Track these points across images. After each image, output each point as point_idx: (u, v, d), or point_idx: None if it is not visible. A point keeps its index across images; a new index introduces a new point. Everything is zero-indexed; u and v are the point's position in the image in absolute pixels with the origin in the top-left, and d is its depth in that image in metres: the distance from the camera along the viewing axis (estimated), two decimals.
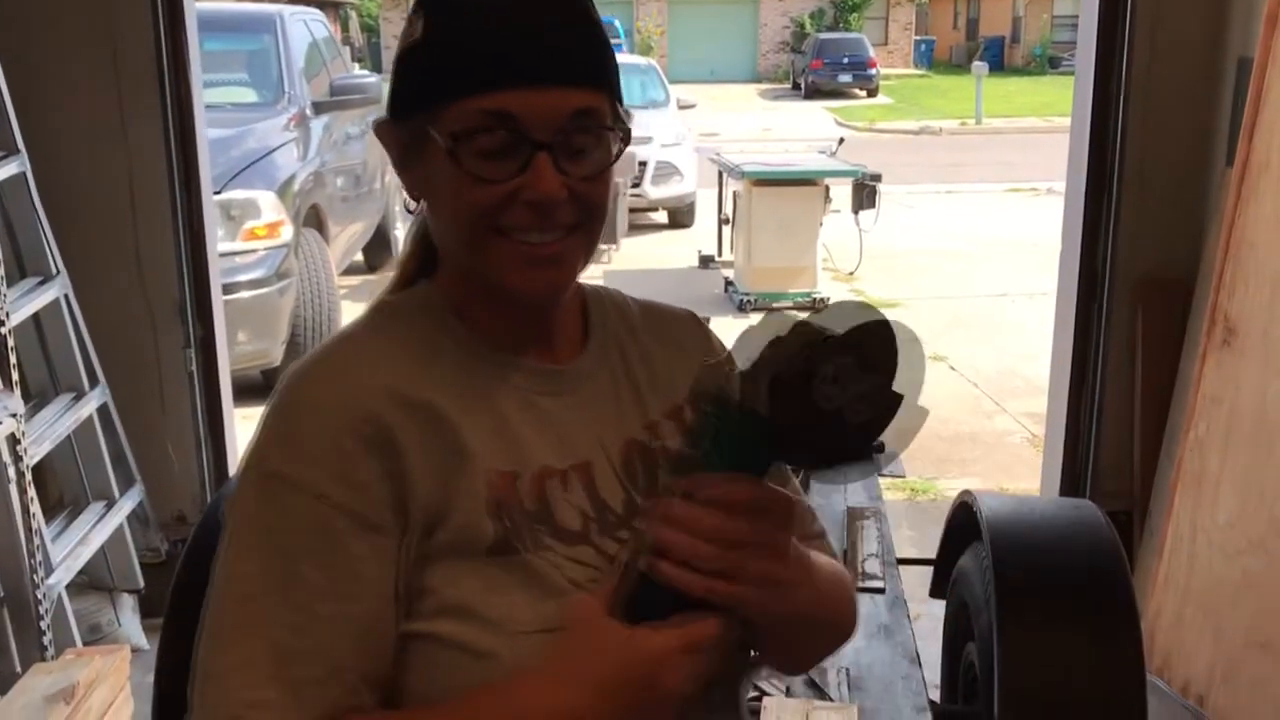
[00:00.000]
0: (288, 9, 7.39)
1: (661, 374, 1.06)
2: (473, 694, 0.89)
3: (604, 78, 0.94)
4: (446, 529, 0.92)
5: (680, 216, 11.61)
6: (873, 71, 28.68)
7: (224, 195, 5.18)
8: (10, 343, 2.81)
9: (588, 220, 0.95)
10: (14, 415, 2.75)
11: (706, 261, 9.67)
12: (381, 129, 0.99)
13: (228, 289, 4.40)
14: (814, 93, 28.51)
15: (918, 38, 38.05)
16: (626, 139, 0.96)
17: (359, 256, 8.28)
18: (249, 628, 0.88)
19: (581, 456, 0.98)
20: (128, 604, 3.42)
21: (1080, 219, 3.55)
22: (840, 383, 0.82)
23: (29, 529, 2.83)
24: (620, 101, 0.97)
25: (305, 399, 0.93)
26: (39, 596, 2.83)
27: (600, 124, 0.93)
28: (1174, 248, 3.44)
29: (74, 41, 3.34)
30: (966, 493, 2.47)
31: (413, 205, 1.03)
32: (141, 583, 3.42)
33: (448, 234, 0.97)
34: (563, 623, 0.89)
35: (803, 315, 0.87)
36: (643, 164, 10.90)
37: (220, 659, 0.88)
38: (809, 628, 1.02)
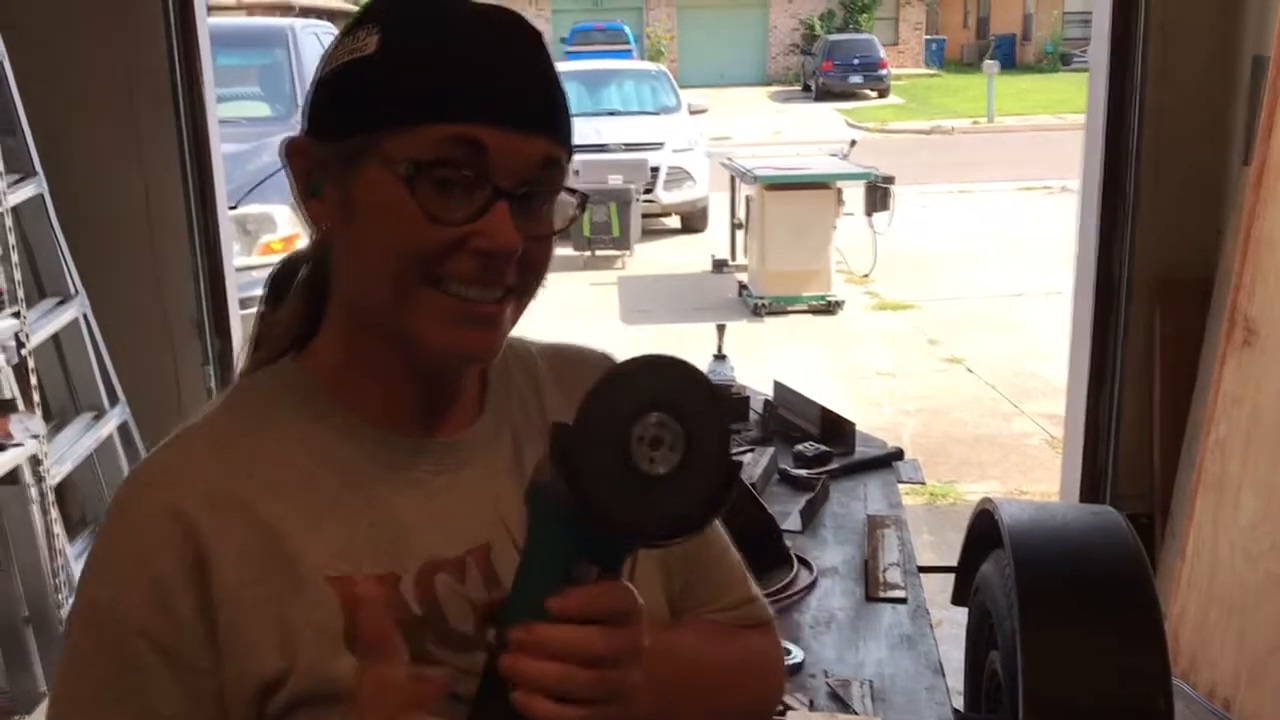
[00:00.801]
0: (299, 23, 7.43)
1: None
2: None
3: (569, 137, 0.87)
4: (295, 678, 0.81)
5: (693, 221, 11.62)
6: (883, 72, 28.61)
7: (240, 210, 5.20)
8: (31, 364, 2.83)
9: (526, 285, 0.86)
10: (35, 436, 2.77)
11: (720, 266, 9.68)
12: (294, 147, 0.87)
13: (245, 304, 4.42)
14: (825, 94, 28.45)
15: (928, 37, 37.96)
16: (582, 205, 0.90)
17: None
18: None
19: (479, 539, 0.88)
20: None
21: (1096, 218, 3.53)
22: (663, 442, 0.71)
23: (52, 549, 2.84)
24: (570, 151, 0.89)
25: (125, 514, 0.84)
26: (62, 616, 2.85)
27: (559, 182, 0.85)
28: (1192, 247, 3.42)
29: (89, 62, 3.36)
30: (987, 500, 2.47)
31: (307, 237, 0.91)
32: None
33: (366, 276, 0.84)
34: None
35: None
36: (655, 169, 10.93)
37: None
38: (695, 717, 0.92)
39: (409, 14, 0.84)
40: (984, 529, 2.45)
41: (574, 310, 7.96)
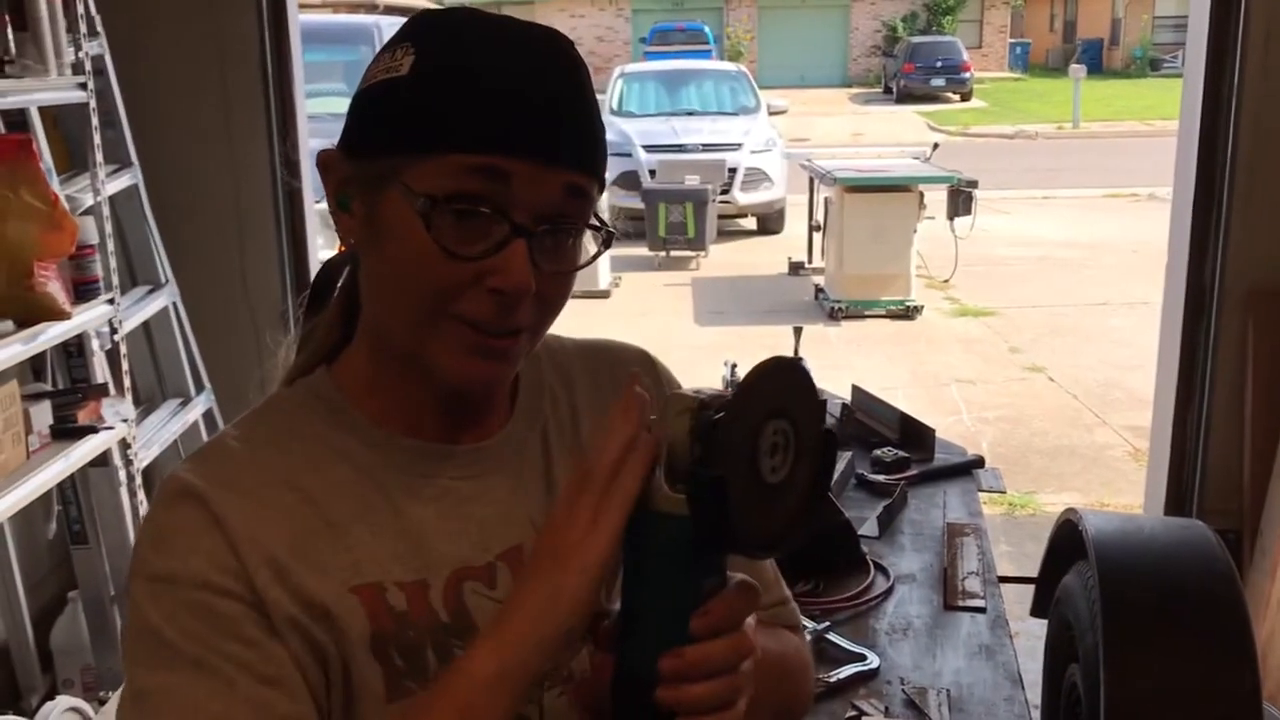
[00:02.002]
0: (384, 20, 7.54)
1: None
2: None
3: (599, 167, 0.85)
4: (332, 690, 0.82)
5: (769, 223, 11.57)
6: (966, 75, 28.23)
7: (322, 205, 5.28)
8: (122, 350, 2.90)
9: (541, 322, 0.85)
10: (125, 420, 2.83)
11: (796, 268, 9.62)
12: (328, 160, 0.87)
13: None
14: (906, 97, 28.15)
15: (1013, 40, 37.38)
16: (607, 241, 0.86)
17: None
18: None
19: (510, 541, 0.88)
20: None
21: (1188, 227, 3.45)
22: (780, 448, 0.70)
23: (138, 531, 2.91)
24: (603, 186, 0.87)
25: (171, 500, 0.83)
26: None
27: (584, 217, 0.83)
28: None
29: (184, 57, 3.43)
30: (1071, 511, 2.42)
31: (338, 247, 0.91)
32: None
33: (384, 300, 0.85)
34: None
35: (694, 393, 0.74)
36: (732, 170, 10.90)
37: None
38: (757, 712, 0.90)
39: (443, 36, 0.83)
40: (1066, 540, 2.40)
41: (648, 310, 7.97)
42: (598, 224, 0.85)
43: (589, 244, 0.86)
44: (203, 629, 0.78)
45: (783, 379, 0.72)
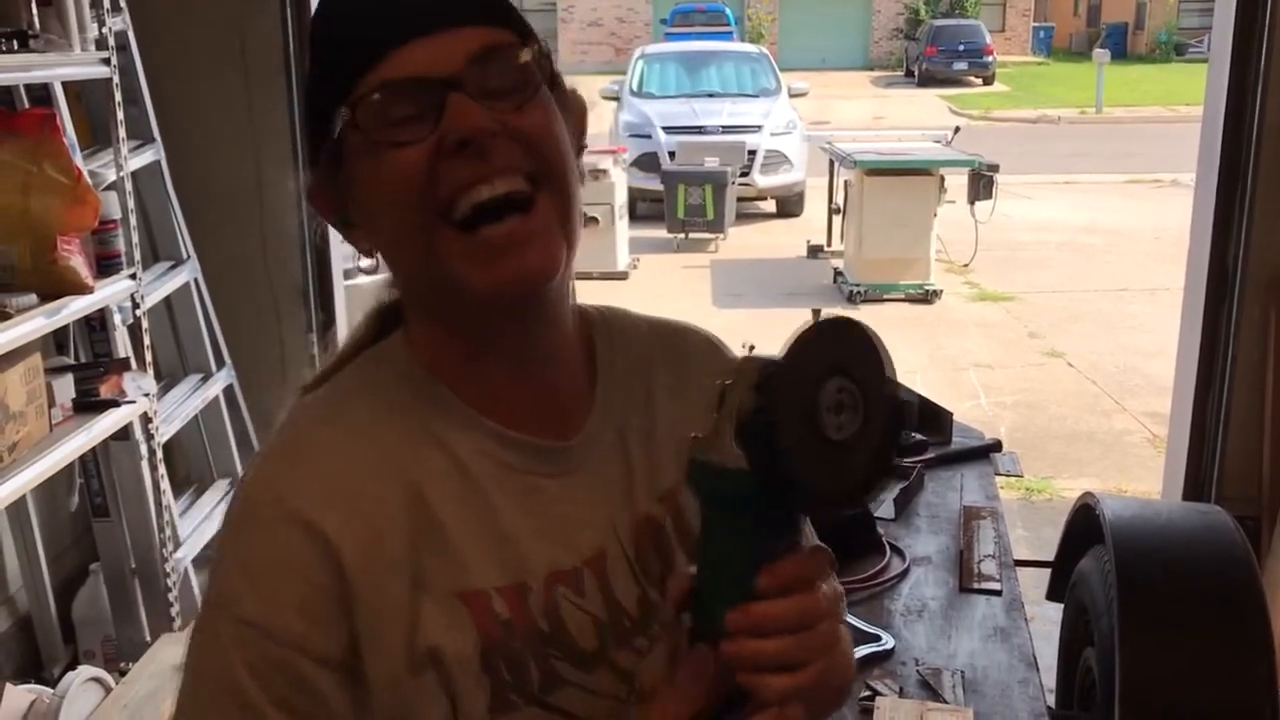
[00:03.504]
0: None
1: (679, 420, 0.88)
2: None
3: (500, 14, 0.82)
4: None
5: (789, 205, 11.53)
6: (989, 59, 28.00)
7: None
8: (144, 324, 2.92)
9: (544, 169, 0.80)
10: (147, 394, 2.86)
11: (815, 251, 9.59)
12: (312, 193, 0.86)
13: (347, 275, 4.50)
14: (928, 80, 27.95)
15: (1036, 24, 37.05)
16: (547, 65, 0.83)
17: None
18: None
19: (595, 546, 0.85)
20: None
21: (1211, 213, 3.42)
22: (847, 406, 0.70)
23: (159, 504, 2.94)
24: (537, 43, 0.83)
25: (270, 515, 0.79)
26: (167, 569, 2.94)
27: (512, 56, 0.80)
28: None
29: (206, 34, 3.44)
30: (1088, 494, 2.42)
31: (366, 263, 0.88)
32: None
33: (398, 250, 0.83)
34: None
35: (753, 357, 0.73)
36: (752, 152, 10.85)
37: None
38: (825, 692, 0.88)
39: (316, 17, 0.84)
40: (1084, 524, 2.40)
41: (665, 292, 7.96)
42: (528, 58, 0.81)
43: (537, 80, 0.81)
44: (287, 692, 0.76)
45: (843, 337, 0.71)
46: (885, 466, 0.72)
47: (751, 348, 0.94)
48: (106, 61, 2.79)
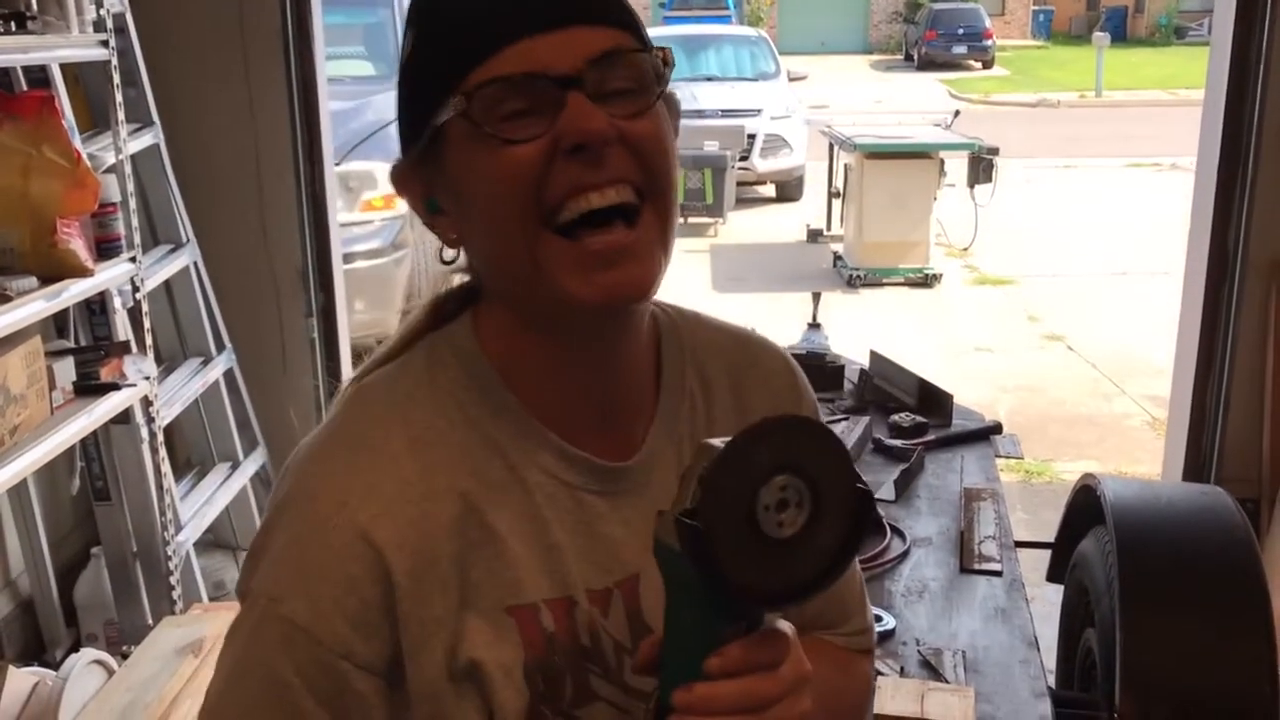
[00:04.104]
0: None
1: None
2: None
3: (623, 15, 0.80)
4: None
5: (788, 190, 11.51)
6: (988, 43, 27.92)
7: (343, 167, 5.28)
8: (145, 308, 2.92)
9: (651, 182, 0.78)
10: (147, 378, 2.85)
11: (815, 235, 9.58)
12: (398, 175, 0.85)
13: (345, 259, 4.49)
14: (927, 64, 27.88)
15: (1036, 8, 36.91)
16: (666, 75, 0.81)
17: None
18: None
19: (629, 568, 0.84)
20: None
21: (1211, 196, 3.42)
22: (792, 503, 0.69)
23: (160, 487, 2.94)
24: (648, 46, 0.81)
25: (326, 520, 0.78)
26: (169, 553, 2.95)
27: (633, 61, 0.78)
28: None
29: (204, 17, 3.43)
30: (1089, 476, 2.42)
31: (448, 254, 0.87)
32: None
33: (494, 245, 0.80)
34: None
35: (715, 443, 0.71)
36: (751, 137, 10.83)
37: None
38: None
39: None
40: (1084, 505, 2.40)
41: (665, 278, 7.93)
42: (654, 61, 0.80)
43: (653, 86, 0.80)
44: (332, 693, 0.77)
45: (794, 434, 0.70)
46: (838, 560, 0.71)
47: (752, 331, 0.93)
48: (105, 43, 2.78)
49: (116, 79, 2.83)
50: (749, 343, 0.97)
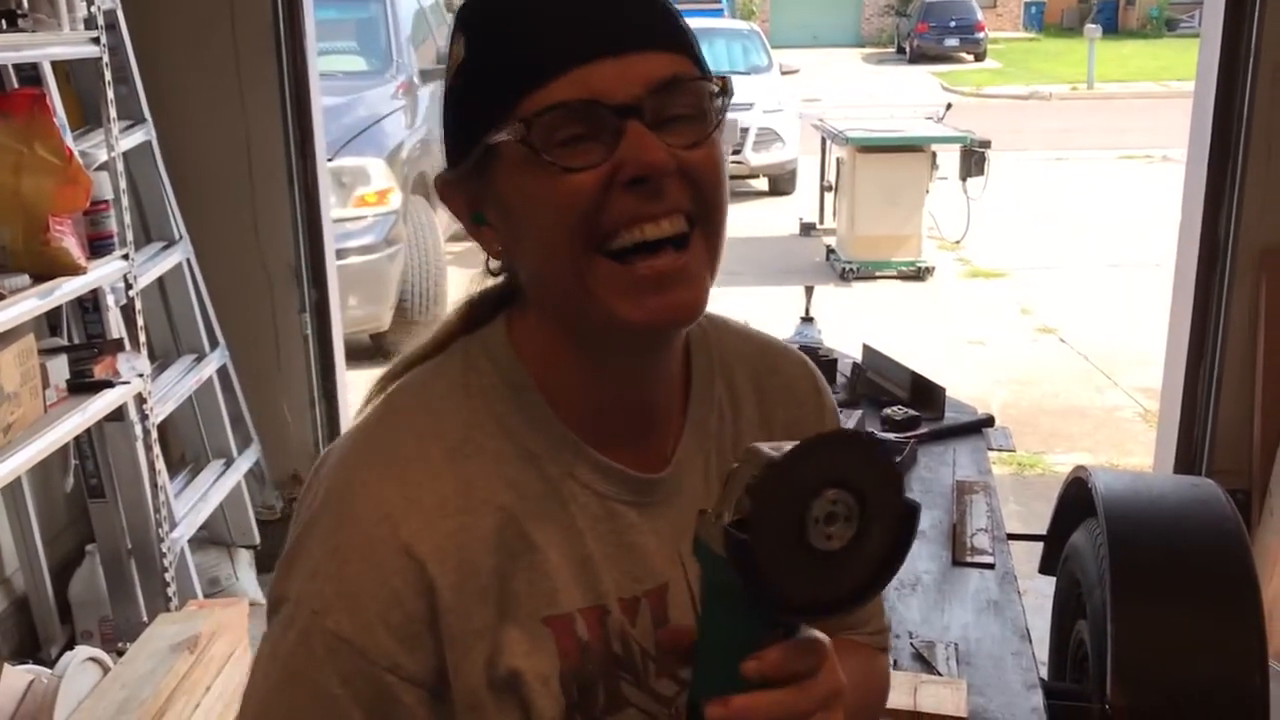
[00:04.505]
0: None
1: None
2: None
3: (683, 42, 0.80)
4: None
5: (781, 184, 11.50)
6: (980, 35, 27.91)
7: (335, 163, 5.28)
8: (137, 305, 2.92)
9: (704, 210, 0.79)
10: (141, 375, 2.85)
11: (808, 229, 9.58)
12: (444, 185, 0.84)
13: (339, 255, 4.49)
14: (919, 57, 27.86)
15: (1027, 0, 36.93)
16: (724, 103, 0.80)
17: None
18: None
19: (659, 578, 0.85)
20: (245, 559, 3.54)
21: (1202, 187, 3.43)
22: (840, 517, 0.69)
23: (154, 484, 2.94)
24: (707, 72, 0.81)
25: (369, 533, 0.78)
26: (163, 550, 2.95)
27: (693, 88, 0.78)
28: None
29: (195, 14, 3.43)
30: (1080, 468, 2.43)
31: (493, 265, 0.87)
32: (258, 539, 3.54)
33: (543, 266, 0.80)
34: None
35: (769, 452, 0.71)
36: (744, 130, 10.81)
37: None
38: None
39: (481, 6, 0.82)
40: (1076, 497, 2.41)
41: None
42: (712, 88, 0.79)
43: (712, 112, 0.80)
44: (376, 703, 0.78)
45: (847, 448, 0.70)
46: (881, 573, 0.71)
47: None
48: (96, 40, 2.78)
49: (108, 76, 2.82)
50: (771, 350, 0.98)
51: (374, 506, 0.79)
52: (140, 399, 2.89)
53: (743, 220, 10.21)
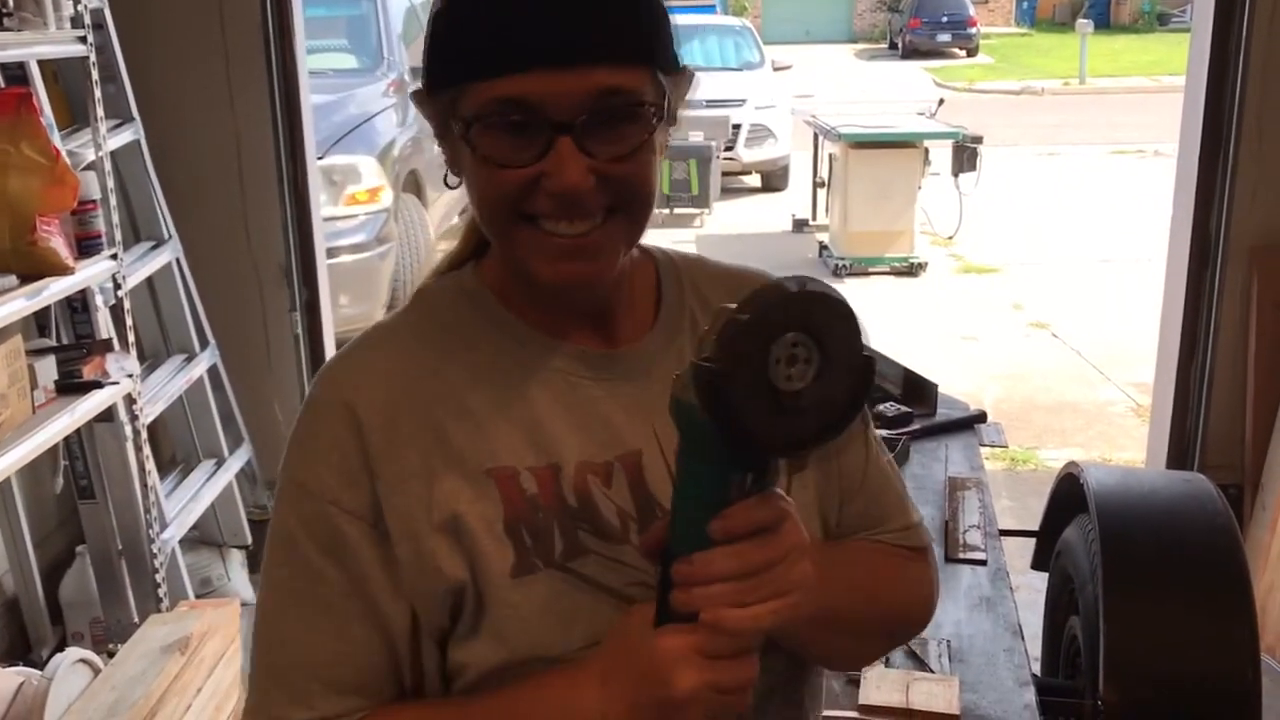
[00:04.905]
0: None
1: None
2: (496, 697, 0.87)
3: (640, 52, 0.85)
4: (471, 595, 0.88)
5: (774, 180, 11.50)
6: (973, 30, 27.91)
7: (326, 161, 5.26)
8: (126, 305, 2.90)
9: (625, 204, 0.86)
10: (130, 375, 2.84)
11: (800, 225, 9.58)
12: (419, 99, 0.92)
13: (330, 253, 4.48)
14: (912, 53, 27.86)
15: None
16: (669, 116, 0.88)
17: (457, 220, 8.37)
18: (286, 631, 0.90)
19: (630, 446, 0.91)
20: (236, 559, 3.53)
21: (1193, 182, 3.44)
22: (800, 360, 0.74)
23: (144, 485, 2.93)
24: (667, 71, 0.87)
25: (319, 399, 0.91)
26: (154, 550, 2.94)
27: (633, 101, 0.84)
28: None
29: (183, 12, 3.41)
30: (1072, 464, 2.43)
31: (453, 180, 0.95)
32: (249, 539, 3.53)
33: (480, 219, 0.90)
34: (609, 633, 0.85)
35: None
36: (736, 127, 10.82)
37: (263, 660, 0.91)
38: (845, 624, 0.95)
39: None
40: (1068, 493, 2.41)
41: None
42: (649, 101, 0.85)
43: (650, 121, 0.85)
44: (329, 542, 0.88)
45: (807, 297, 0.75)
46: (840, 417, 0.76)
47: None
48: (83, 39, 2.76)
49: (95, 75, 2.81)
50: (748, 273, 1.03)
51: (326, 380, 0.93)
52: (130, 399, 2.88)
53: (735, 216, 10.21)
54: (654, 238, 0.98)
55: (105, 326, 2.89)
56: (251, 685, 0.92)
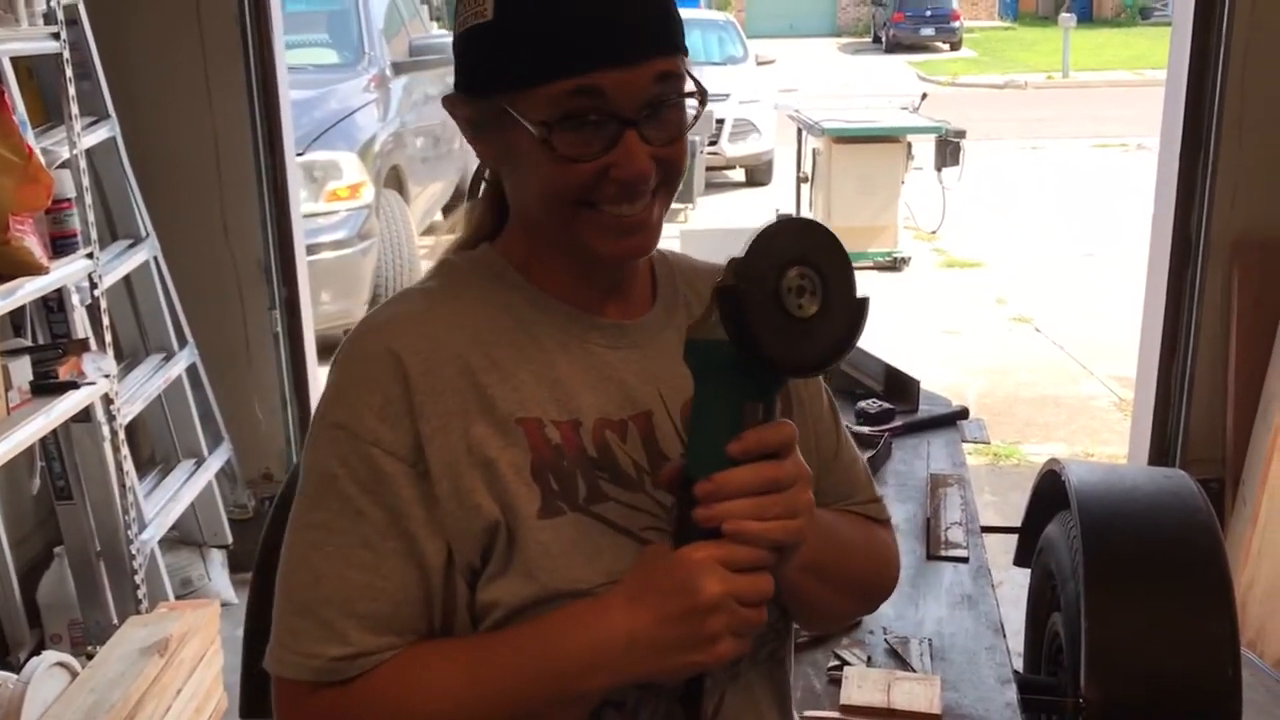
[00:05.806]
0: None
1: None
2: (526, 627, 0.92)
3: (679, 40, 0.95)
4: (503, 533, 0.93)
5: (758, 174, 11.50)
6: (956, 24, 27.96)
7: (306, 157, 5.23)
8: (103, 304, 2.88)
9: (670, 180, 0.97)
10: (107, 375, 2.82)
11: None
12: (452, 103, 0.99)
13: (311, 250, 4.46)
14: (895, 47, 27.90)
15: None
16: (703, 99, 0.97)
17: (439, 216, 8.34)
18: (322, 567, 0.92)
19: (641, 407, 1.00)
20: (217, 559, 3.51)
21: (1174, 177, 3.44)
22: (807, 291, 0.85)
23: (123, 485, 2.91)
24: (687, 55, 0.97)
25: (361, 348, 0.96)
26: (133, 551, 2.92)
27: (679, 89, 0.94)
28: (1272, 208, 3.33)
29: (160, 7, 3.38)
30: (1054, 461, 2.43)
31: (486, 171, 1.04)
32: (230, 538, 3.50)
33: (533, 206, 0.98)
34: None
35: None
36: (720, 121, 10.80)
37: (294, 599, 0.93)
38: (828, 574, 1.03)
39: None
40: (1050, 490, 2.41)
41: None
42: (692, 89, 0.95)
43: (687, 106, 0.96)
44: (370, 480, 0.92)
45: (811, 235, 0.85)
46: (844, 343, 0.86)
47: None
48: (56, 36, 2.74)
49: (69, 72, 2.78)
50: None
51: (366, 328, 0.99)
52: (107, 399, 2.85)
53: (719, 211, 10.20)
54: None
55: (82, 326, 2.86)
56: (275, 627, 0.94)
